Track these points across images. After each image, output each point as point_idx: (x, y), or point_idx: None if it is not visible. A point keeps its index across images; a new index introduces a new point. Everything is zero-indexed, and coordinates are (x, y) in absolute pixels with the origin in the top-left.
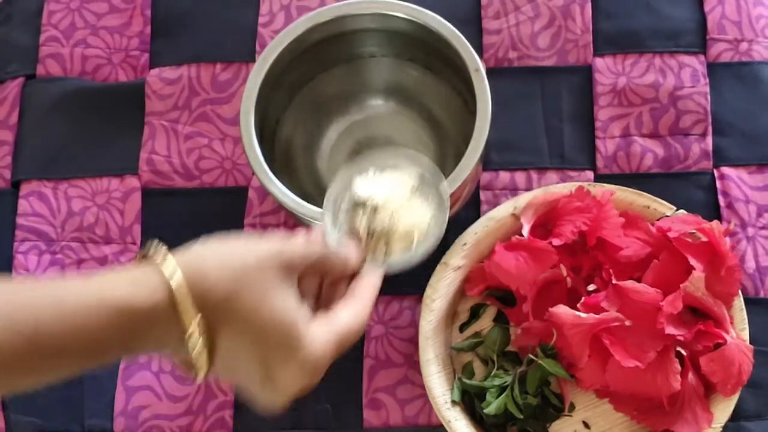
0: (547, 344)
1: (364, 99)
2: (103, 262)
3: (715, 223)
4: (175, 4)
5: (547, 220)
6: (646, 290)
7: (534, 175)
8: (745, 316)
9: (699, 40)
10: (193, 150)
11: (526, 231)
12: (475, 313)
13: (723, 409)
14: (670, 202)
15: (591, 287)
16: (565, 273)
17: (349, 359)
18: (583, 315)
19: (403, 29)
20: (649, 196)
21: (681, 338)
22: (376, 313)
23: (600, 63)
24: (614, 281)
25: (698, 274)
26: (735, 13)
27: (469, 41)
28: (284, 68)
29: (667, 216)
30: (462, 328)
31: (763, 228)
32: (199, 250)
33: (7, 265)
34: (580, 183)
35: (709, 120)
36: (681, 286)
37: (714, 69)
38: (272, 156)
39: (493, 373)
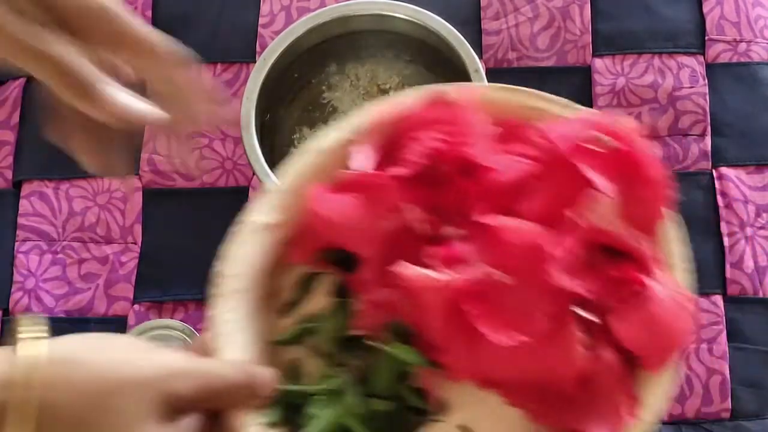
0: (399, 322)
1: None
2: (104, 261)
3: (626, 119)
4: (176, 5)
5: (399, 145)
6: (524, 228)
7: None
8: (682, 251)
9: (698, 40)
10: (194, 150)
11: (359, 161)
12: (304, 288)
13: (655, 392)
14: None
15: (451, 231)
16: (419, 215)
17: None
18: (434, 274)
19: (403, 30)
20: (540, 93)
21: (585, 294)
22: None
23: (599, 63)
24: (480, 219)
25: (605, 195)
26: (734, 14)
27: (468, 42)
28: (285, 69)
29: (564, 118)
30: (289, 309)
31: (761, 228)
32: (68, 355)
33: (8, 265)
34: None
35: (708, 120)
36: (574, 217)
37: (713, 69)
38: (272, 156)
39: (323, 372)
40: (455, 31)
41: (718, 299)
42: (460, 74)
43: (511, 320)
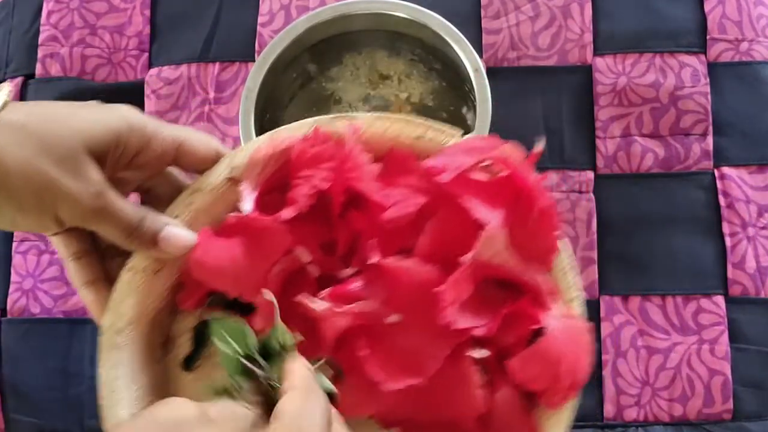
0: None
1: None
2: None
3: (510, 146)
4: (175, 4)
5: (283, 181)
6: (415, 269)
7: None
8: (575, 281)
9: (699, 39)
10: None
11: (248, 203)
12: (200, 337)
13: (556, 427)
14: (670, 203)
15: (348, 271)
16: (308, 258)
17: None
18: (312, 304)
19: (403, 29)
20: (425, 121)
21: (481, 332)
22: None
23: (600, 63)
24: (373, 259)
25: (492, 230)
26: (735, 13)
27: (469, 41)
28: (284, 68)
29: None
30: (190, 363)
31: (763, 228)
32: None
33: (5, 265)
34: (321, 120)
35: (710, 120)
36: (463, 258)
37: (714, 69)
38: None
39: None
40: (455, 30)
41: (720, 300)
42: (460, 73)
43: (402, 361)
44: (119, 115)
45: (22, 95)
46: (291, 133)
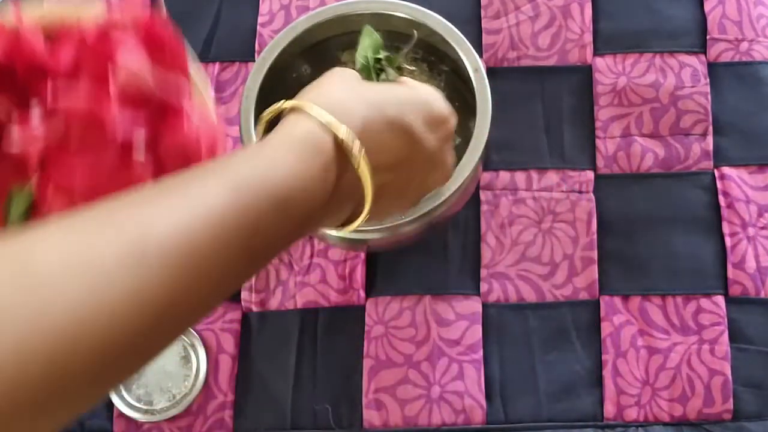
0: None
1: None
2: None
3: (142, 9)
4: (175, 4)
5: None
6: (82, 104)
7: (534, 174)
8: (207, 83)
9: (699, 39)
10: None
11: None
12: None
13: None
14: (670, 203)
15: (35, 113)
16: (3, 113)
17: (349, 359)
18: (11, 134)
19: (404, 28)
20: (86, 3)
21: (141, 136)
22: (376, 313)
23: (600, 63)
24: (48, 100)
25: (132, 65)
26: (735, 13)
27: (469, 41)
28: (284, 68)
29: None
30: None
31: (763, 228)
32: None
33: None
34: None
35: (710, 120)
36: (113, 90)
37: (714, 69)
38: None
39: None
40: (455, 30)
41: (720, 300)
42: (460, 73)
43: (87, 171)
44: None
45: None
46: None
